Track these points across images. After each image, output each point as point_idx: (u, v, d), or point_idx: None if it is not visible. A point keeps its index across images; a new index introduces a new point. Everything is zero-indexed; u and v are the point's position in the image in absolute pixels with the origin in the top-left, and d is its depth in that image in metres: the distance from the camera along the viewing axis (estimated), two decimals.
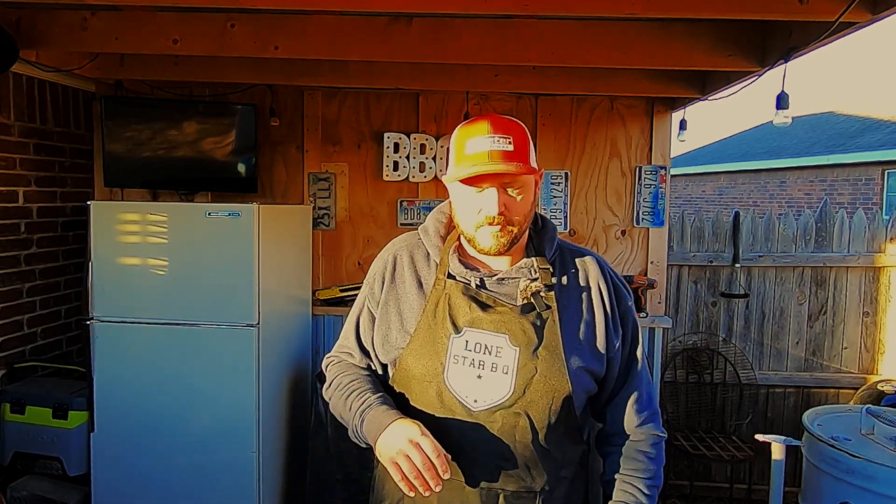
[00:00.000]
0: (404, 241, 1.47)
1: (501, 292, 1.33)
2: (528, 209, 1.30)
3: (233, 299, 2.87)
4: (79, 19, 2.67)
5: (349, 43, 2.66)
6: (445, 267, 1.36)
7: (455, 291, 1.33)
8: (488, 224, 1.27)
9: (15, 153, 3.15)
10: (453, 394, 1.28)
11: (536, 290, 1.31)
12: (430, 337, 1.32)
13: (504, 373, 1.27)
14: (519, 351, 1.28)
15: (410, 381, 1.33)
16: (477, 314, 1.30)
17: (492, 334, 1.29)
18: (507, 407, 1.27)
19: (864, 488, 2.54)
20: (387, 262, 1.44)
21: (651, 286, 3.62)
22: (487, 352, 1.28)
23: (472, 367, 1.28)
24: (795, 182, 11.72)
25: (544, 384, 1.27)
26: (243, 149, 3.50)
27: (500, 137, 1.24)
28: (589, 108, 3.65)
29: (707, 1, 2.15)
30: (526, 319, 1.29)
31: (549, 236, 1.40)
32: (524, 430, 1.28)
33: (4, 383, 3.12)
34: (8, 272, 3.12)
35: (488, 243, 1.29)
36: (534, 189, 1.32)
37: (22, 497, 2.96)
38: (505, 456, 1.28)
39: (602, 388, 1.39)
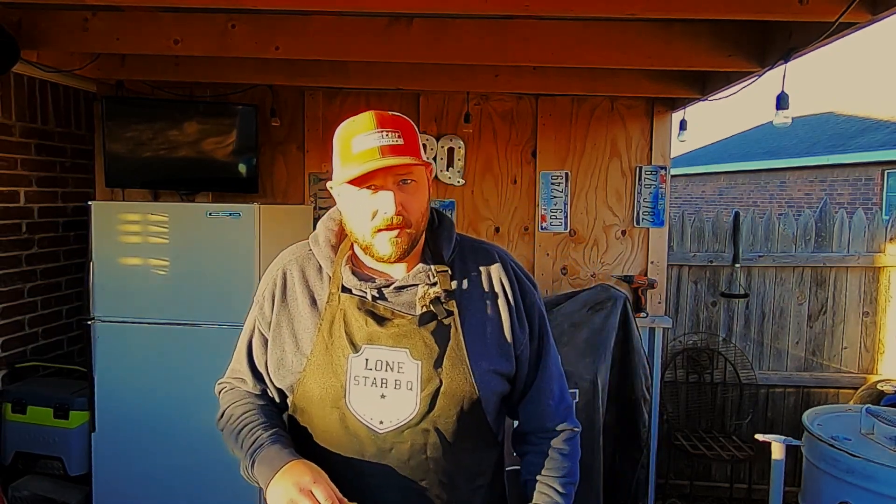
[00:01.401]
0: (293, 253, 1.36)
1: (400, 302, 1.25)
2: (424, 207, 1.23)
3: (233, 299, 2.87)
4: (80, 20, 2.67)
5: (350, 43, 2.67)
6: (339, 280, 1.26)
7: (350, 306, 1.23)
8: (386, 228, 1.18)
9: (16, 153, 3.15)
10: (357, 417, 1.20)
11: (435, 297, 1.23)
12: (327, 358, 1.23)
13: (408, 389, 1.20)
14: (421, 364, 1.20)
15: (311, 406, 1.24)
16: (374, 329, 1.22)
17: (391, 350, 1.21)
18: (414, 425, 1.20)
19: (863, 488, 2.54)
20: (276, 279, 1.34)
21: (651, 286, 3.62)
22: (389, 368, 1.20)
23: (374, 386, 1.20)
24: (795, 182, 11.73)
25: (451, 395, 1.21)
26: (244, 149, 3.50)
27: (388, 132, 1.16)
28: (589, 109, 3.65)
29: (707, 1, 2.15)
30: (426, 330, 1.22)
31: (447, 235, 1.31)
32: (434, 446, 1.21)
33: (6, 383, 3.12)
34: (9, 272, 3.13)
35: (387, 250, 1.20)
36: (428, 185, 1.25)
37: (23, 497, 2.97)
38: (419, 476, 1.22)
39: (514, 387, 1.32)
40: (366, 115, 1.19)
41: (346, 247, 1.30)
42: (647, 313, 3.57)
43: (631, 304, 3.39)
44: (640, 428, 3.32)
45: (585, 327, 3.21)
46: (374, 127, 1.16)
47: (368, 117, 1.18)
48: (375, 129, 1.16)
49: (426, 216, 1.25)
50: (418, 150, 1.20)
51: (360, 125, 1.18)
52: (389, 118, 1.19)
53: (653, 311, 3.65)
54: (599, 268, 3.71)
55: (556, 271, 3.71)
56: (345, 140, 1.19)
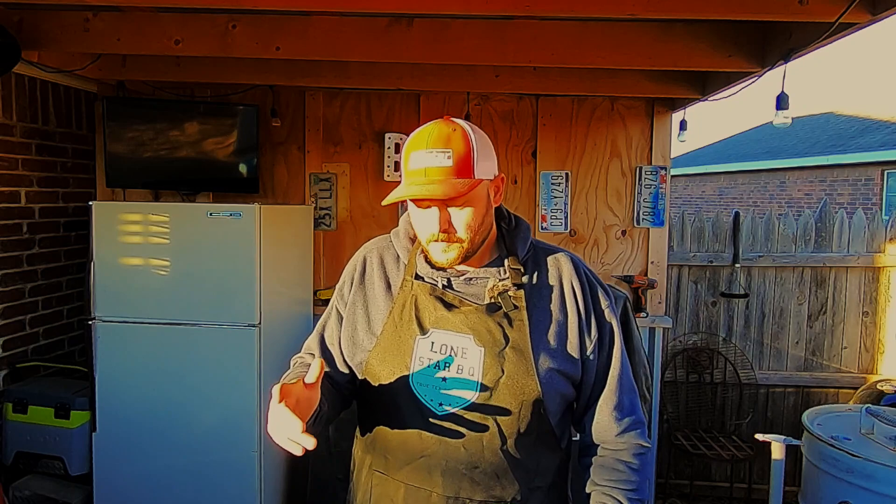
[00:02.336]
0: (375, 243, 1.45)
1: (469, 292, 1.29)
2: (477, 221, 1.24)
3: (234, 299, 2.88)
4: (81, 20, 2.67)
5: (350, 43, 2.67)
6: (413, 268, 1.33)
7: (422, 292, 1.30)
8: (434, 241, 1.24)
9: (17, 154, 3.16)
10: (419, 397, 1.24)
11: (504, 290, 1.27)
12: (395, 339, 1.28)
13: (470, 374, 1.23)
14: (484, 351, 1.23)
15: (380, 383, 1.29)
16: (442, 314, 1.27)
17: (456, 335, 1.25)
18: (473, 410, 1.23)
19: (863, 487, 2.55)
20: (356, 264, 1.43)
21: (651, 286, 3.63)
22: (453, 353, 1.24)
23: (437, 369, 1.24)
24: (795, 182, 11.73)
25: (511, 386, 1.22)
26: (245, 149, 3.51)
27: (438, 152, 1.18)
28: (589, 109, 3.66)
29: (707, 2, 2.15)
30: (492, 319, 1.25)
31: (523, 236, 1.36)
32: (492, 435, 1.23)
33: (7, 383, 3.13)
34: (10, 272, 3.13)
35: (439, 258, 1.26)
36: (487, 197, 1.27)
37: (24, 496, 2.97)
38: (472, 463, 1.23)
39: (579, 394, 1.33)
40: (425, 130, 1.22)
41: None
42: (647, 313, 3.58)
43: (631, 304, 3.39)
44: None
45: None
46: (425, 146, 1.20)
47: (426, 133, 1.21)
48: (427, 148, 1.19)
49: (482, 228, 1.27)
50: (469, 168, 1.20)
51: (418, 140, 1.22)
52: (445, 135, 1.20)
53: (653, 311, 3.65)
54: (600, 268, 3.71)
55: None
56: (406, 152, 1.23)
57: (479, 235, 1.26)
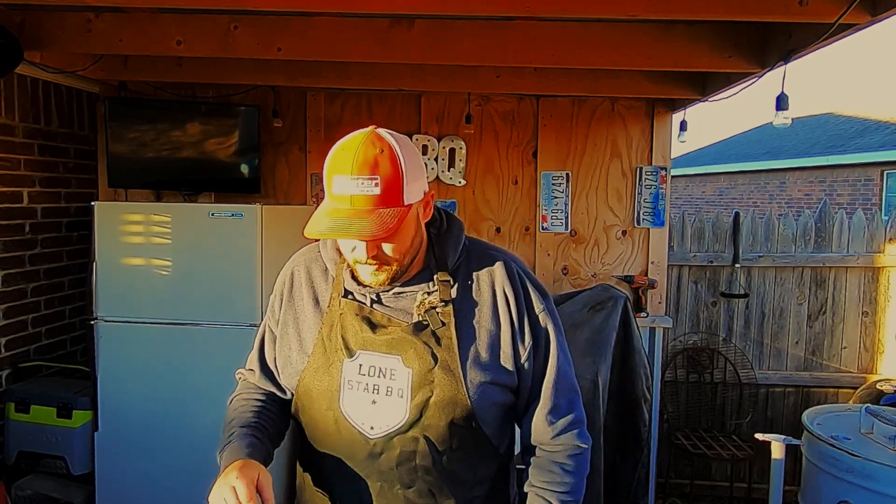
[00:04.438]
0: (304, 254, 1.38)
1: (398, 307, 1.24)
2: (406, 246, 1.19)
3: (236, 299, 2.89)
4: (82, 21, 2.68)
5: (351, 44, 2.68)
6: (340, 284, 1.27)
7: (349, 312, 1.25)
8: (363, 264, 1.19)
9: (19, 154, 3.17)
10: (349, 421, 1.22)
11: (431, 306, 1.22)
12: (325, 361, 1.25)
13: (399, 396, 1.20)
14: (412, 372, 1.20)
15: (310, 406, 1.27)
16: (368, 335, 1.22)
17: (384, 356, 1.21)
18: (403, 432, 1.20)
19: (863, 487, 2.55)
20: (285, 279, 1.37)
21: (651, 286, 3.63)
22: (381, 375, 1.21)
23: (366, 391, 1.21)
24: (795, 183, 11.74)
25: (441, 405, 1.20)
26: (246, 150, 3.51)
27: (364, 179, 1.09)
28: (590, 109, 3.66)
29: (707, 2, 2.16)
30: (419, 338, 1.21)
31: (454, 240, 1.29)
32: (424, 454, 1.21)
33: (9, 383, 3.14)
34: (12, 272, 3.14)
35: (368, 280, 1.21)
36: (417, 218, 1.21)
37: (26, 496, 2.98)
38: (406, 483, 1.22)
39: (518, 398, 1.30)
40: (349, 150, 1.12)
41: None
42: (647, 313, 3.59)
43: (631, 304, 3.40)
44: (641, 427, 3.33)
45: (586, 327, 3.22)
46: (350, 171, 1.10)
47: (350, 155, 1.11)
48: (351, 174, 1.10)
49: (413, 247, 1.22)
50: (398, 194, 1.12)
51: (342, 163, 1.11)
52: (372, 158, 1.10)
53: (653, 311, 3.66)
54: (600, 268, 3.72)
55: (556, 271, 3.72)
56: (329, 173, 1.14)
57: (409, 256, 1.21)
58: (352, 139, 1.14)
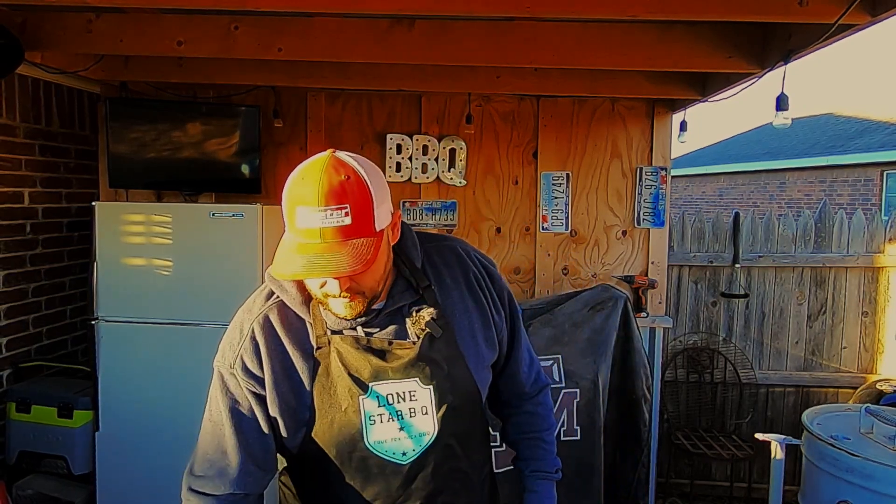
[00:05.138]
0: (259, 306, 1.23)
1: (391, 330, 1.21)
2: (381, 272, 1.14)
3: (237, 299, 2.85)
4: (83, 21, 2.68)
5: (352, 44, 2.68)
6: (321, 323, 1.19)
7: (345, 347, 1.18)
8: (334, 297, 1.12)
9: (20, 154, 3.17)
10: (379, 455, 1.19)
11: (431, 317, 1.20)
12: (334, 403, 1.18)
13: (424, 413, 1.20)
14: (432, 388, 1.20)
15: (332, 454, 1.20)
16: (378, 364, 1.18)
17: (400, 382, 1.18)
18: (435, 443, 1.22)
19: (863, 487, 2.56)
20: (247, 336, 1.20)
21: (652, 286, 3.64)
22: (402, 399, 1.19)
23: (391, 420, 1.18)
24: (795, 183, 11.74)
25: (461, 405, 1.24)
26: (247, 150, 3.52)
27: (333, 210, 1.02)
28: (590, 110, 3.67)
29: (707, 3, 2.16)
30: (427, 353, 1.20)
31: (411, 242, 1.26)
32: (455, 455, 1.25)
33: (10, 383, 3.14)
34: (13, 272, 3.14)
35: (342, 312, 1.14)
36: (388, 242, 1.16)
37: (27, 496, 2.98)
38: (443, 487, 1.25)
39: (494, 368, 1.36)
40: (312, 179, 1.04)
41: None
42: (647, 313, 3.59)
43: (631, 304, 3.40)
44: (641, 427, 3.34)
45: (586, 327, 3.22)
46: (316, 203, 1.02)
47: (314, 184, 1.03)
48: (318, 206, 1.02)
49: (385, 274, 1.17)
50: (370, 221, 1.06)
51: (306, 194, 1.04)
52: (338, 188, 1.03)
53: (653, 311, 3.66)
54: (600, 268, 3.72)
55: (557, 271, 3.73)
56: (290, 202, 1.06)
57: (382, 283, 1.17)
58: (311, 166, 1.07)
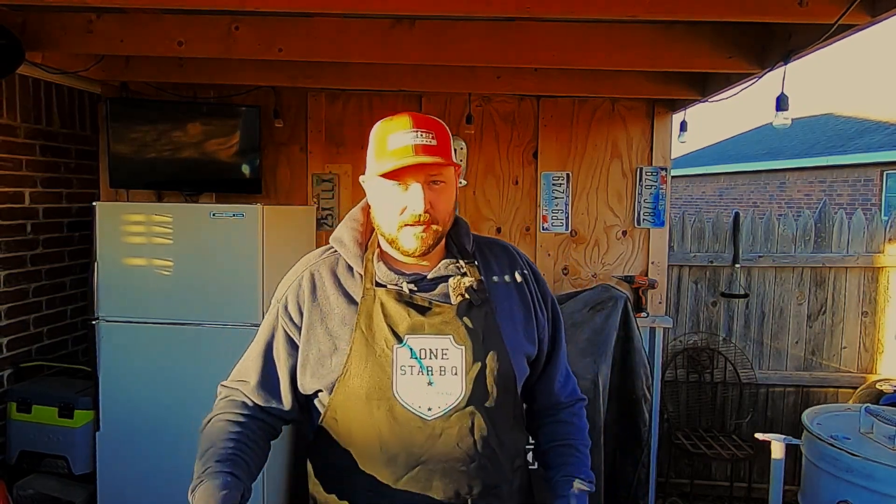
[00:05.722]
0: (318, 256, 1.38)
1: (435, 293, 1.30)
2: (451, 206, 1.29)
3: (237, 299, 2.90)
4: (84, 22, 2.69)
5: (352, 45, 2.69)
6: (372, 275, 1.30)
7: (388, 299, 1.27)
8: (413, 223, 1.23)
9: (21, 154, 3.17)
10: (406, 407, 1.23)
11: (469, 286, 1.29)
12: (370, 352, 1.25)
13: (454, 374, 1.25)
14: (465, 349, 1.26)
15: (355, 402, 1.25)
16: (416, 319, 1.26)
17: (435, 337, 1.25)
18: (462, 408, 1.24)
19: (863, 487, 2.56)
20: (301, 281, 1.34)
21: (652, 286, 3.64)
22: (433, 356, 1.25)
23: (421, 374, 1.24)
24: (795, 183, 11.75)
25: (493, 377, 1.27)
26: (247, 150, 3.52)
27: (422, 132, 1.22)
28: (590, 110, 3.67)
29: (708, 3, 2.17)
30: (467, 318, 1.27)
31: (465, 232, 1.38)
32: (480, 427, 1.26)
33: (11, 383, 3.14)
34: (14, 272, 3.15)
35: (412, 245, 1.25)
36: (455, 186, 1.32)
37: (28, 495, 2.98)
38: (469, 459, 1.26)
39: (533, 369, 1.40)
40: (403, 116, 1.25)
41: (374, 244, 1.35)
42: (647, 313, 3.59)
43: (632, 304, 3.41)
44: (641, 427, 3.34)
45: (587, 327, 3.23)
46: (409, 126, 1.22)
47: (405, 117, 1.24)
48: (411, 128, 1.22)
49: (452, 215, 1.31)
50: (449, 151, 1.26)
51: (397, 124, 1.24)
52: (424, 119, 1.25)
53: (653, 311, 3.66)
54: (600, 268, 3.72)
55: (557, 271, 3.73)
56: (381, 137, 1.25)
57: (448, 224, 1.30)
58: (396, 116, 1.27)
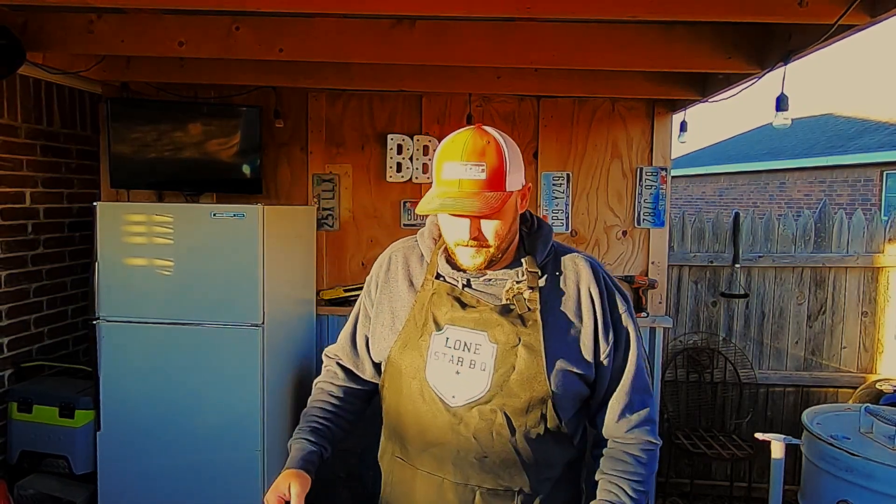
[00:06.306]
0: (402, 243, 1.52)
1: (487, 292, 1.35)
2: (505, 230, 1.30)
3: (238, 299, 2.90)
4: (85, 22, 2.69)
5: (353, 45, 2.69)
6: (434, 267, 1.39)
7: (441, 291, 1.36)
8: (465, 245, 1.30)
9: (22, 154, 3.17)
10: (433, 389, 1.32)
11: (519, 292, 1.32)
12: (415, 335, 1.36)
13: (482, 369, 1.29)
14: (497, 348, 1.29)
15: (400, 376, 1.37)
16: (458, 313, 1.33)
17: (471, 331, 1.31)
18: (484, 403, 1.29)
19: (863, 486, 2.56)
20: (382, 263, 1.50)
21: (652, 286, 3.64)
22: (466, 349, 1.31)
23: (451, 363, 1.31)
24: (795, 183, 11.75)
25: (521, 382, 1.28)
26: (248, 150, 3.52)
27: (472, 165, 1.23)
28: (590, 110, 3.67)
29: (708, 4, 2.17)
30: (506, 319, 1.31)
31: (543, 238, 1.40)
32: (500, 427, 1.29)
33: (12, 382, 3.15)
34: (15, 272, 3.15)
35: (466, 263, 1.32)
36: (515, 206, 1.32)
37: (29, 495, 2.99)
38: (482, 453, 1.30)
39: (594, 393, 1.38)
40: (459, 140, 1.25)
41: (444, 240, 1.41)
42: (647, 313, 3.60)
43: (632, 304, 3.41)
44: None
45: None
46: (460, 157, 1.23)
47: (460, 144, 1.25)
48: (461, 160, 1.23)
49: (509, 236, 1.32)
50: (501, 180, 1.25)
51: (452, 151, 1.25)
52: (479, 147, 1.24)
53: (653, 311, 3.67)
54: None
55: None
56: (439, 161, 1.27)
57: (506, 242, 1.32)
58: (461, 133, 1.27)
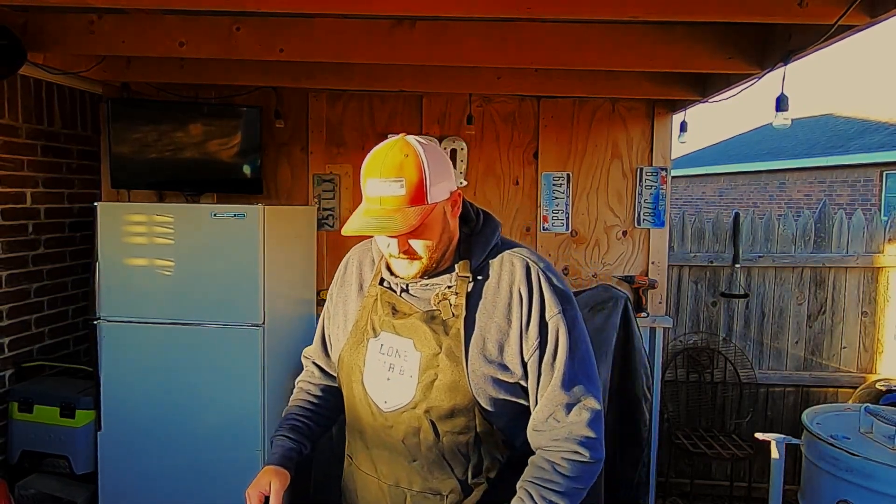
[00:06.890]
0: (361, 246, 1.54)
1: (423, 298, 1.36)
2: (434, 241, 1.30)
3: (238, 299, 2.90)
4: (86, 22, 2.69)
5: (353, 45, 2.69)
6: (378, 273, 1.43)
7: (381, 297, 1.40)
8: (396, 258, 1.32)
9: (22, 155, 3.18)
10: (368, 394, 1.37)
11: (445, 297, 1.33)
12: (358, 339, 1.40)
13: (410, 376, 1.32)
14: (421, 356, 1.31)
15: (349, 378, 1.42)
16: (391, 319, 1.36)
17: (400, 338, 1.34)
18: (410, 409, 1.32)
19: (862, 486, 2.56)
20: (342, 266, 1.55)
21: (652, 286, 3.65)
22: (397, 355, 1.34)
23: (383, 369, 1.35)
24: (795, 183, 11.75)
25: (444, 390, 1.29)
26: (248, 150, 3.53)
27: (391, 182, 1.22)
28: (590, 110, 3.68)
29: (708, 4, 2.17)
30: (429, 326, 1.32)
31: (483, 240, 1.38)
32: (426, 432, 1.32)
33: (12, 382, 3.15)
34: (16, 272, 3.15)
35: (402, 273, 1.35)
36: (444, 216, 1.30)
37: (30, 495, 2.99)
38: (411, 457, 1.34)
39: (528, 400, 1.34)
40: (380, 154, 1.24)
41: None
42: (647, 313, 3.60)
43: (632, 304, 3.41)
44: (641, 427, 3.34)
45: (587, 327, 3.23)
46: (379, 174, 1.23)
47: (380, 159, 1.24)
48: (380, 176, 1.23)
49: (442, 243, 1.32)
50: (422, 194, 1.23)
51: (372, 167, 1.24)
52: (397, 162, 1.22)
53: (653, 311, 3.67)
54: (601, 268, 3.73)
55: None
56: (363, 177, 1.27)
57: (439, 252, 1.33)
58: (383, 146, 1.27)
